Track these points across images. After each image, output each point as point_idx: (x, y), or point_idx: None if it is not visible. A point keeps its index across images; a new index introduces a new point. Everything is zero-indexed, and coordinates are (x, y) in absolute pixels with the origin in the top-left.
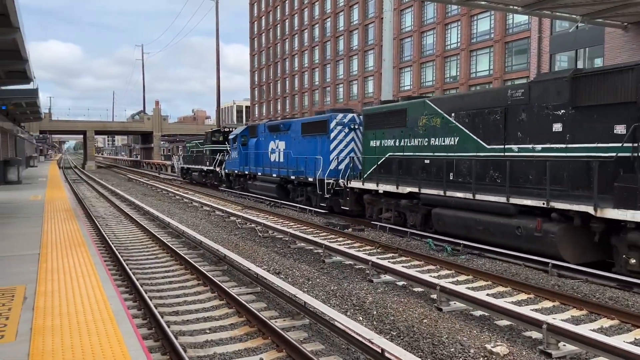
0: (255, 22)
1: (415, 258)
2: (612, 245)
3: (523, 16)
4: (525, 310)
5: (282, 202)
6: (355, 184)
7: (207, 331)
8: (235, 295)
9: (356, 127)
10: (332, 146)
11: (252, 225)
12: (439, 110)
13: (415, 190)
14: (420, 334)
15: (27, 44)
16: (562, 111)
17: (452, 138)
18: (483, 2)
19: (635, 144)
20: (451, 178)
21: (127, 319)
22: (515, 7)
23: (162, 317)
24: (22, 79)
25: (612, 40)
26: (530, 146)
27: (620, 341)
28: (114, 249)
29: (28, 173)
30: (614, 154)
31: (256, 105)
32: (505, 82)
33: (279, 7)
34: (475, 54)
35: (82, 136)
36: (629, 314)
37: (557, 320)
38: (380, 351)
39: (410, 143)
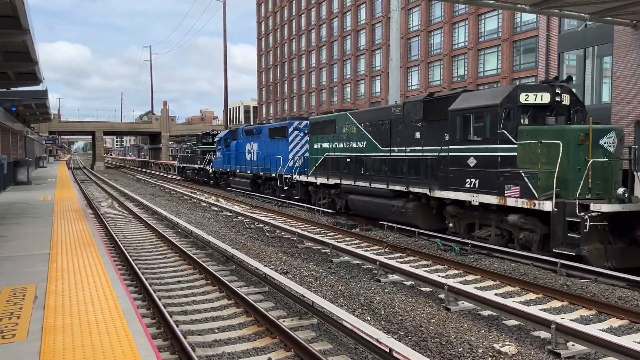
0: (263, 22)
1: (423, 258)
2: (443, 216)
3: (531, 15)
4: (534, 310)
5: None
6: (303, 178)
7: (216, 330)
8: (244, 295)
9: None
10: (290, 148)
11: (260, 225)
12: (355, 121)
13: (338, 181)
14: (428, 334)
15: (37, 46)
16: (419, 124)
17: (362, 142)
18: (491, 1)
19: (446, 147)
20: (361, 172)
21: (137, 318)
22: (523, 6)
23: (171, 316)
24: (32, 80)
25: (621, 39)
26: (404, 148)
27: (629, 341)
28: (123, 248)
29: (38, 174)
30: (437, 154)
31: (263, 105)
32: (513, 81)
33: (286, 7)
34: (483, 53)
35: (90, 137)
36: (639, 314)
37: (565, 320)
38: (388, 350)
39: (338, 146)
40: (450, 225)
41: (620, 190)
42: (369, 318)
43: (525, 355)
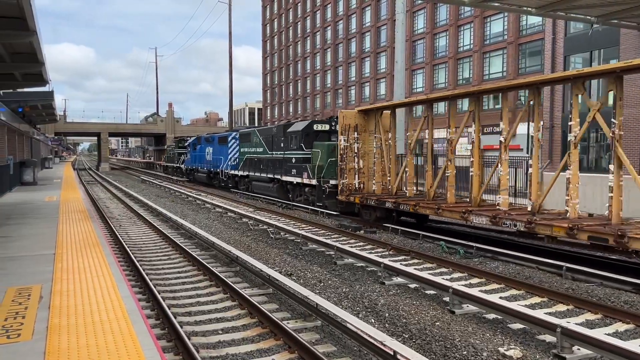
0: (268, 25)
1: (428, 260)
2: (288, 190)
3: (537, 17)
4: (539, 314)
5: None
6: (234, 172)
7: (220, 332)
8: (248, 297)
9: None
10: (229, 152)
11: (264, 226)
12: (259, 135)
13: (248, 173)
14: (432, 337)
15: (43, 47)
16: (281, 138)
17: (261, 148)
18: (496, 4)
19: (285, 152)
20: (260, 167)
21: (141, 318)
22: (529, 9)
23: (175, 317)
24: (38, 82)
25: (627, 42)
26: (275, 153)
27: (635, 345)
28: (128, 249)
29: (43, 174)
30: (282, 156)
31: (268, 107)
32: None
33: (291, 9)
34: (488, 55)
35: (96, 138)
36: None
37: (571, 323)
38: (392, 354)
39: (251, 150)
40: (290, 195)
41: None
42: (373, 320)
43: (530, 359)
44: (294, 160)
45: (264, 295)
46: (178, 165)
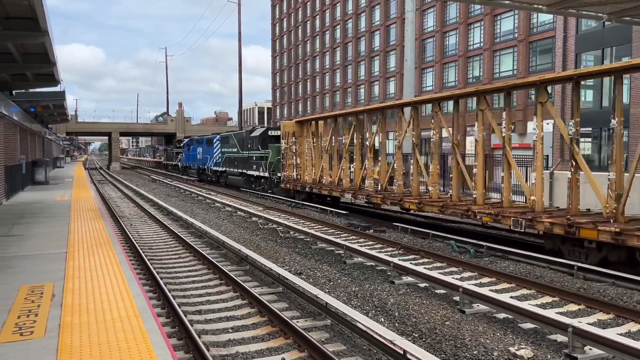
0: (277, 24)
1: (438, 260)
2: (252, 182)
3: (548, 15)
4: (550, 313)
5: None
6: (216, 168)
7: (230, 330)
8: (257, 295)
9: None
10: (213, 151)
11: (274, 225)
12: (234, 137)
13: (225, 169)
14: (442, 336)
15: (55, 48)
16: (249, 141)
17: (235, 149)
18: (507, 2)
19: (250, 152)
20: (234, 164)
21: (152, 316)
22: (540, 6)
23: (185, 316)
24: (50, 82)
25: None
26: (245, 152)
27: None
28: (139, 248)
29: (55, 174)
30: (248, 155)
31: (277, 106)
32: None
33: (300, 8)
34: (498, 53)
35: (107, 137)
36: None
37: (583, 323)
38: (402, 352)
39: (229, 150)
40: (253, 185)
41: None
42: (382, 319)
43: (541, 359)
44: (254, 158)
45: (274, 294)
46: (175, 163)
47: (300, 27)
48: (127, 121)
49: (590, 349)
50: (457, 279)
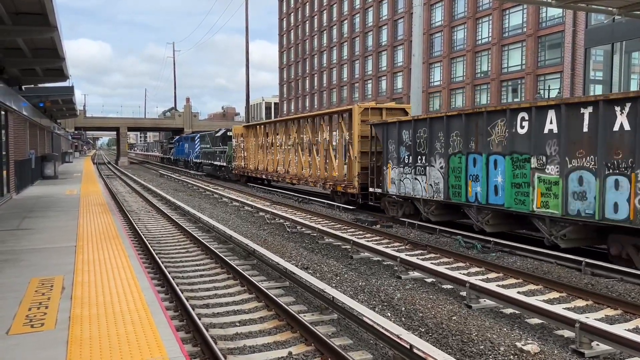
0: (285, 19)
1: (445, 255)
2: (222, 170)
3: (557, 9)
4: (557, 309)
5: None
6: (196, 160)
7: (237, 324)
8: (265, 289)
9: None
10: (195, 146)
11: (281, 220)
12: (208, 136)
13: (202, 161)
14: (449, 331)
15: (64, 43)
16: (216, 139)
17: (209, 145)
18: None
19: (218, 147)
20: (208, 157)
21: (161, 309)
22: (549, 1)
23: (193, 309)
24: (59, 77)
25: None
26: (215, 148)
27: None
28: (147, 242)
29: (64, 168)
30: (216, 150)
31: (284, 101)
32: (537, 77)
33: (307, 3)
34: (507, 48)
35: (115, 133)
36: None
37: (590, 319)
38: (408, 347)
39: (205, 146)
40: (219, 174)
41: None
42: (389, 314)
43: (548, 354)
44: (218, 152)
45: (281, 289)
46: (169, 156)
47: (307, 22)
48: (135, 116)
49: (597, 345)
50: (464, 274)
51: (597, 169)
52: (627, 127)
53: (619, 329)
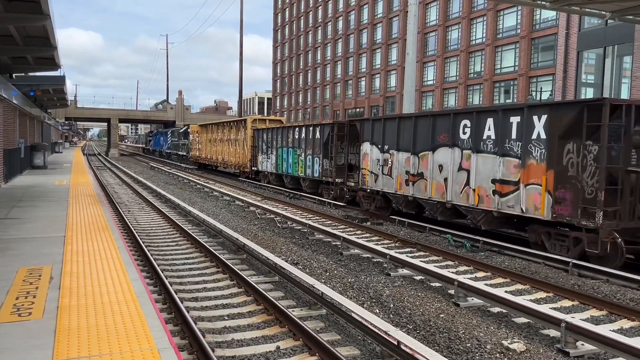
0: (280, 14)
1: (434, 253)
2: (183, 159)
3: (551, 12)
4: (544, 309)
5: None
6: (168, 150)
7: (226, 318)
8: (254, 284)
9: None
10: (168, 140)
11: (271, 216)
12: (176, 132)
13: (171, 151)
14: (436, 329)
15: (56, 31)
16: (179, 134)
17: (177, 138)
18: None
19: (184, 140)
20: (174, 147)
21: (150, 301)
22: (543, 3)
23: (182, 302)
24: (50, 66)
25: None
26: (179, 140)
27: None
28: (136, 234)
29: (53, 158)
30: (184, 142)
31: (278, 97)
32: (530, 79)
33: None
34: (500, 49)
35: (106, 124)
36: None
37: (576, 319)
38: (396, 343)
39: (174, 139)
40: (181, 162)
41: None
42: (377, 311)
43: (533, 353)
44: (181, 144)
45: (270, 283)
46: (148, 147)
47: (302, 17)
48: (126, 108)
49: (582, 345)
50: (452, 272)
51: None
52: None
53: (604, 330)
